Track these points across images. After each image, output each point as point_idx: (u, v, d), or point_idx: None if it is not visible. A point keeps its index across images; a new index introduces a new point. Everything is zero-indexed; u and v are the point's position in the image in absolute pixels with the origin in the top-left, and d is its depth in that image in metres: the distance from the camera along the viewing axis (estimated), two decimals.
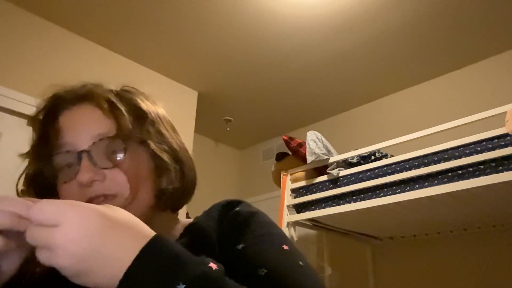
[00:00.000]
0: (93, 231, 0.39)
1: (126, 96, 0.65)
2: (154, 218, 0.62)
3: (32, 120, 0.64)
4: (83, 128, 0.59)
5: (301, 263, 0.54)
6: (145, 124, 0.63)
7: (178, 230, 0.65)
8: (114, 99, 0.62)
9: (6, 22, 2.38)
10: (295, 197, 2.41)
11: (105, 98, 0.61)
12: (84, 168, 0.56)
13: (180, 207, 0.70)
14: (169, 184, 0.62)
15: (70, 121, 0.61)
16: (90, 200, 0.56)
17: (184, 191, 0.66)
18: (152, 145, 0.61)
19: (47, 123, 0.62)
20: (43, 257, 0.40)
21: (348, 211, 2.11)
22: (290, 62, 2.93)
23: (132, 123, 0.61)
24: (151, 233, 0.43)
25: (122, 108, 0.61)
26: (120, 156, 0.58)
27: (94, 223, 0.40)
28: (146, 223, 0.46)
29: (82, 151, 0.57)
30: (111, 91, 0.65)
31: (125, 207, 0.55)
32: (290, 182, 2.46)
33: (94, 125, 0.59)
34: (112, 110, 0.60)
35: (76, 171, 0.56)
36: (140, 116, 0.63)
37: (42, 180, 0.62)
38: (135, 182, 0.58)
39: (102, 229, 0.40)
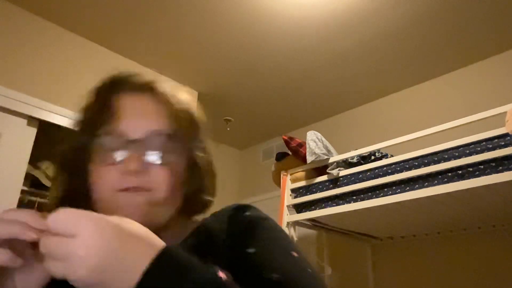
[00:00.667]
0: (109, 242, 0.40)
1: (183, 99, 0.65)
2: (172, 221, 0.62)
3: (89, 94, 0.64)
4: (142, 118, 0.59)
5: (309, 270, 0.55)
6: (195, 132, 0.64)
7: (187, 230, 0.65)
8: (176, 100, 0.62)
9: (6, 22, 2.38)
10: (295, 197, 2.41)
11: (169, 96, 0.62)
12: (134, 157, 0.56)
13: (195, 215, 0.71)
14: (199, 193, 0.64)
15: (130, 107, 0.60)
16: (126, 189, 0.56)
17: (207, 202, 0.68)
18: (197, 154, 0.63)
19: (105, 101, 0.62)
20: (57, 268, 0.40)
21: (348, 211, 2.11)
22: (290, 62, 2.93)
23: (186, 128, 0.61)
24: (161, 243, 0.44)
25: (183, 111, 0.62)
26: (169, 157, 0.59)
27: (109, 234, 0.40)
28: (165, 225, 0.47)
29: (136, 140, 0.57)
30: (174, 90, 0.65)
31: (155, 205, 0.56)
32: (290, 182, 2.46)
33: (153, 119, 0.60)
34: (173, 110, 0.61)
35: (123, 157, 0.56)
36: (192, 122, 0.64)
37: (78, 156, 0.61)
38: (173, 184, 0.59)
39: (116, 241, 0.40)
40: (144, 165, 0.57)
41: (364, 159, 2.27)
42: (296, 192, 2.43)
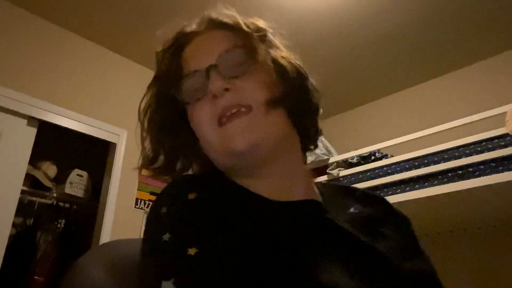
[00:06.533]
0: None
1: (241, 16, 0.64)
2: (293, 153, 0.61)
3: (157, 56, 0.63)
4: (209, 48, 0.59)
5: None
6: (265, 39, 0.63)
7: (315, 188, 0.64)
8: (233, 18, 0.62)
9: (6, 22, 2.38)
10: None
11: (225, 17, 0.62)
12: (214, 79, 0.55)
13: (309, 144, 0.68)
14: (295, 99, 0.60)
15: (195, 47, 0.60)
16: (223, 113, 0.54)
17: (310, 108, 0.65)
18: (276, 57, 0.60)
19: (173, 57, 0.61)
20: None
21: None
22: None
23: (253, 36, 0.60)
24: None
25: (243, 24, 0.61)
26: (247, 65, 0.57)
27: None
28: (281, 152, 0.55)
29: (210, 66, 0.56)
30: (227, 12, 0.64)
31: (259, 121, 0.54)
32: None
33: (220, 43, 0.59)
34: (234, 26, 0.60)
35: (206, 85, 0.56)
36: (258, 30, 0.63)
37: (171, 110, 0.60)
38: (267, 92, 0.56)
39: None
40: (229, 82, 0.55)
41: (364, 159, 2.26)
42: None
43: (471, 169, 1.73)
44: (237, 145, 0.53)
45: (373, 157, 2.25)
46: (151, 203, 2.94)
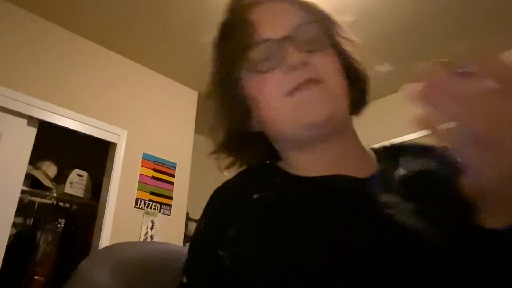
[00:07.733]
0: None
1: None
2: (350, 126, 0.61)
3: (220, 26, 0.62)
4: (280, 19, 0.57)
5: None
6: (330, 19, 0.61)
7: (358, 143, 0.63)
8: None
9: (6, 22, 2.38)
10: None
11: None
12: (292, 51, 0.53)
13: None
14: (361, 85, 0.64)
15: (264, 15, 0.57)
16: (298, 87, 0.52)
17: (366, 99, 0.66)
18: (342, 40, 0.60)
19: (237, 21, 0.59)
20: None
21: None
22: None
23: (323, 16, 0.59)
24: None
25: (313, 4, 0.60)
26: (321, 42, 0.56)
27: None
28: (347, 132, 0.57)
29: (286, 36, 0.54)
30: None
31: (333, 97, 0.54)
32: None
33: (291, 15, 0.57)
34: (306, 4, 0.59)
35: (281, 57, 0.53)
36: (324, 12, 0.61)
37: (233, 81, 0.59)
38: (339, 70, 0.56)
39: None
40: (305, 56, 0.53)
41: None
42: None
43: None
44: (315, 117, 0.52)
45: None
46: (151, 203, 2.92)
